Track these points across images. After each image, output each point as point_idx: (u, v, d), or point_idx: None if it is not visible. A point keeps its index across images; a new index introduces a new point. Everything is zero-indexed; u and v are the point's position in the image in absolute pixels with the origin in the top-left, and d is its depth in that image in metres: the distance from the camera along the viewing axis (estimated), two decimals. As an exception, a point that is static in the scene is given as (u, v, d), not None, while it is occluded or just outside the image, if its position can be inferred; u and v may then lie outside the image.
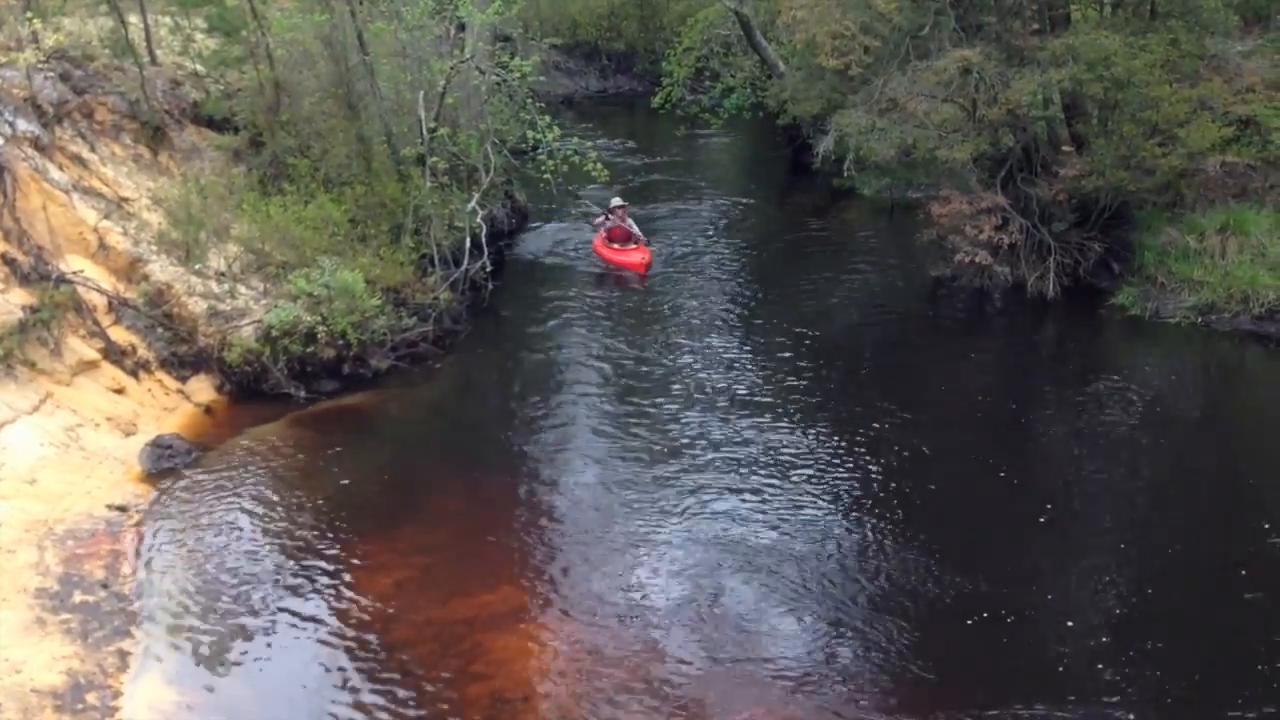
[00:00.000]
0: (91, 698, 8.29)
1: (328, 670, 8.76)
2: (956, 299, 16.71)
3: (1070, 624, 9.15)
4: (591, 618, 9.28)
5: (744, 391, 13.50)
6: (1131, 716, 8.03)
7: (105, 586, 9.64)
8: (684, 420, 12.78)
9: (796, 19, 17.05)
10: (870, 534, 10.40)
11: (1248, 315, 15.01)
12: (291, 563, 10.12)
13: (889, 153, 16.58)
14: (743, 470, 11.52)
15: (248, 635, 9.16)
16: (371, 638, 9.11)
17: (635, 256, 18.04)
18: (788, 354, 14.68)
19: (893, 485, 11.29)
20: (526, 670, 8.74)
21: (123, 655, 8.82)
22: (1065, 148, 16.34)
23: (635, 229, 18.47)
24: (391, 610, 9.44)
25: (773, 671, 8.55)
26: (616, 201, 18.64)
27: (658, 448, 12.11)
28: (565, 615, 9.36)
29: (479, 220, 16.19)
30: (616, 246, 18.26)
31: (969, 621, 9.10)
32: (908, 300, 17.40)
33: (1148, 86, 15.38)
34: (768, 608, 9.33)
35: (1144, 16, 16.91)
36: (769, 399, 13.31)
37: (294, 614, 9.42)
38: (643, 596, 9.57)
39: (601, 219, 18.74)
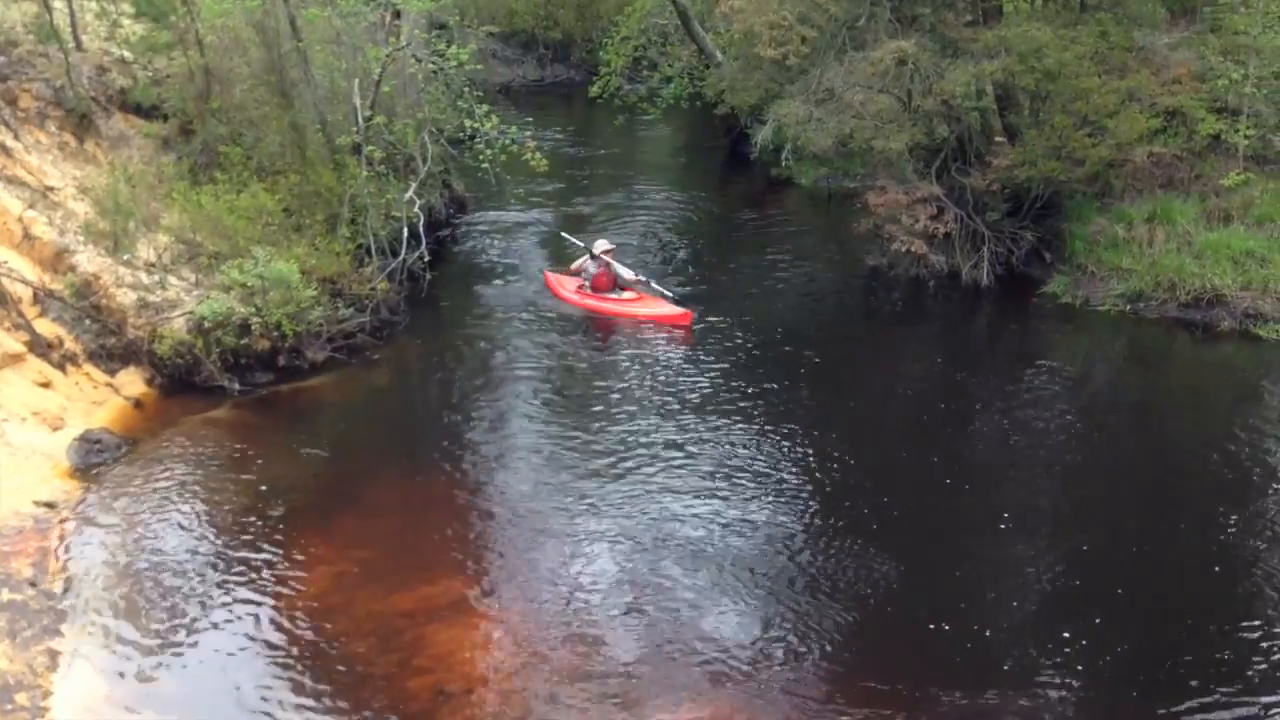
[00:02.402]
0: (21, 698, 8.10)
1: (264, 666, 8.65)
2: (893, 288, 16.88)
3: (1003, 609, 9.33)
4: (532, 609, 9.26)
5: (682, 383, 13.52)
6: (1064, 697, 8.19)
7: (33, 585, 9.42)
8: (622, 412, 12.78)
9: (734, 9, 17.04)
10: (806, 524, 10.47)
11: (1174, 303, 15.36)
12: (225, 557, 9.96)
13: (826, 143, 16.68)
14: (680, 462, 11.54)
15: (180, 632, 9.00)
16: (309, 632, 9.00)
17: (661, 308, 15.50)
18: (725, 345, 14.73)
19: (828, 475, 11.38)
20: (467, 663, 8.69)
21: (52, 654, 8.63)
22: (998, 138, 16.56)
23: (628, 272, 16.17)
24: (330, 604, 9.33)
25: (710, 662, 8.59)
26: (603, 245, 16.36)
27: (596, 440, 12.09)
28: (506, 607, 9.32)
29: (416, 210, 16.02)
30: (613, 297, 15.90)
31: (903, 609, 9.22)
32: (845, 289, 17.55)
33: (1077, 78, 15.65)
34: (706, 599, 9.36)
35: (1074, 9, 17.22)
36: (706, 390, 13.35)
37: (229, 610, 9.28)
38: (583, 588, 9.55)
39: (584, 262, 16.27)
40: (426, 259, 15.95)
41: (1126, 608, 9.19)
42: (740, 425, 12.43)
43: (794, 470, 11.45)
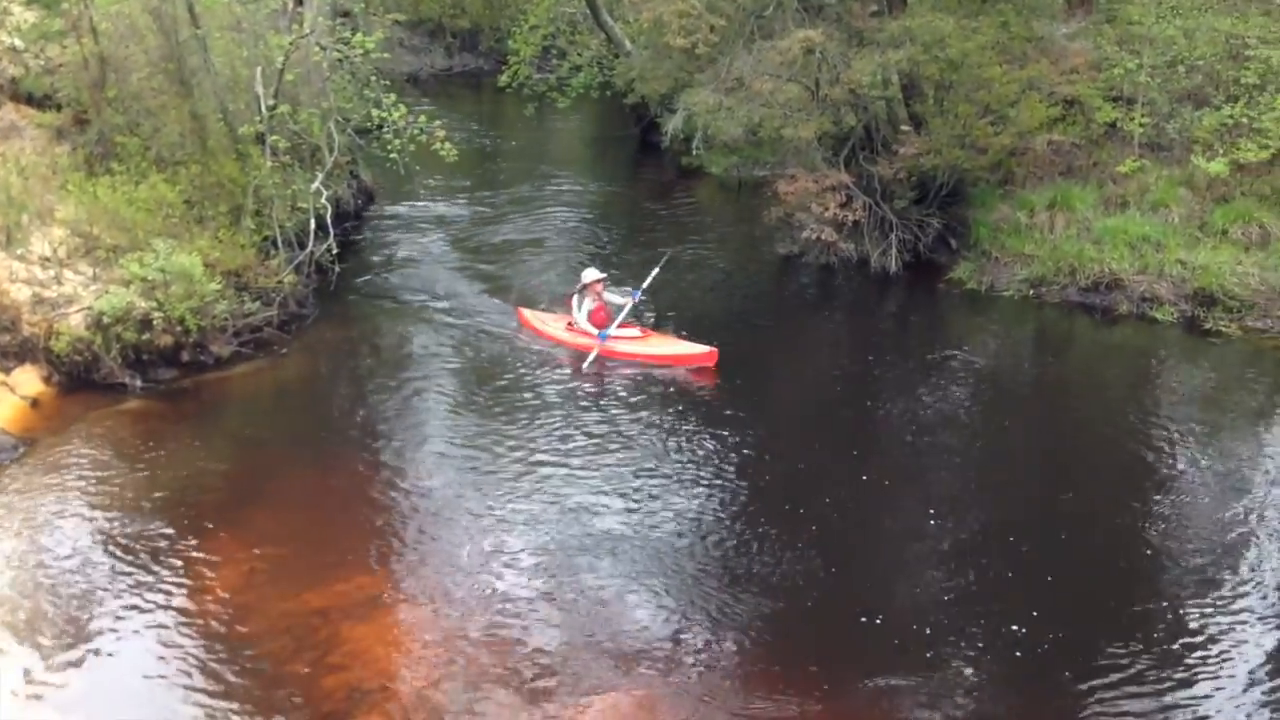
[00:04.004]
0: (-85, 710, 7.81)
1: (172, 669, 8.43)
2: (803, 275, 17.08)
3: (916, 594, 9.47)
4: (450, 603, 9.17)
5: (594, 375, 13.49)
6: (974, 677, 8.36)
7: (-73, 592, 9.08)
8: (536, 405, 12.71)
9: (643, -3, 17.05)
10: (721, 515, 10.51)
11: (1075, 287, 15.77)
12: (130, 559, 9.69)
13: (736, 131, 16.78)
14: (595, 455, 11.51)
15: (85, 638, 8.73)
16: (220, 632, 8.80)
17: (680, 347, 14.04)
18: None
19: (741, 465, 11.46)
20: (384, 659, 8.58)
21: (-51, 664, 8.33)
22: (904, 127, 16.81)
23: (615, 296, 14.64)
24: (240, 603, 9.14)
25: (629, 652, 8.59)
26: (593, 275, 14.70)
27: (510, 433, 12.00)
28: (423, 602, 9.23)
29: (324, 201, 15.74)
30: (624, 336, 14.20)
31: (817, 596, 9.30)
32: (756, 277, 17.68)
33: (980, 68, 15.96)
34: (623, 590, 9.36)
35: (976, -1, 17.53)
36: (619, 382, 13.36)
37: (133, 612, 9.03)
38: (501, 581, 9.49)
39: (578, 292, 14.55)
40: (335, 251, 15.68)
41: (1033, 588, 9.38)
42: (653, 416, 12.46)
43: (707, 461, 11.49)
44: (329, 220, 15.75)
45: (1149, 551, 9.95)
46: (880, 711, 8.06)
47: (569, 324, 14.55)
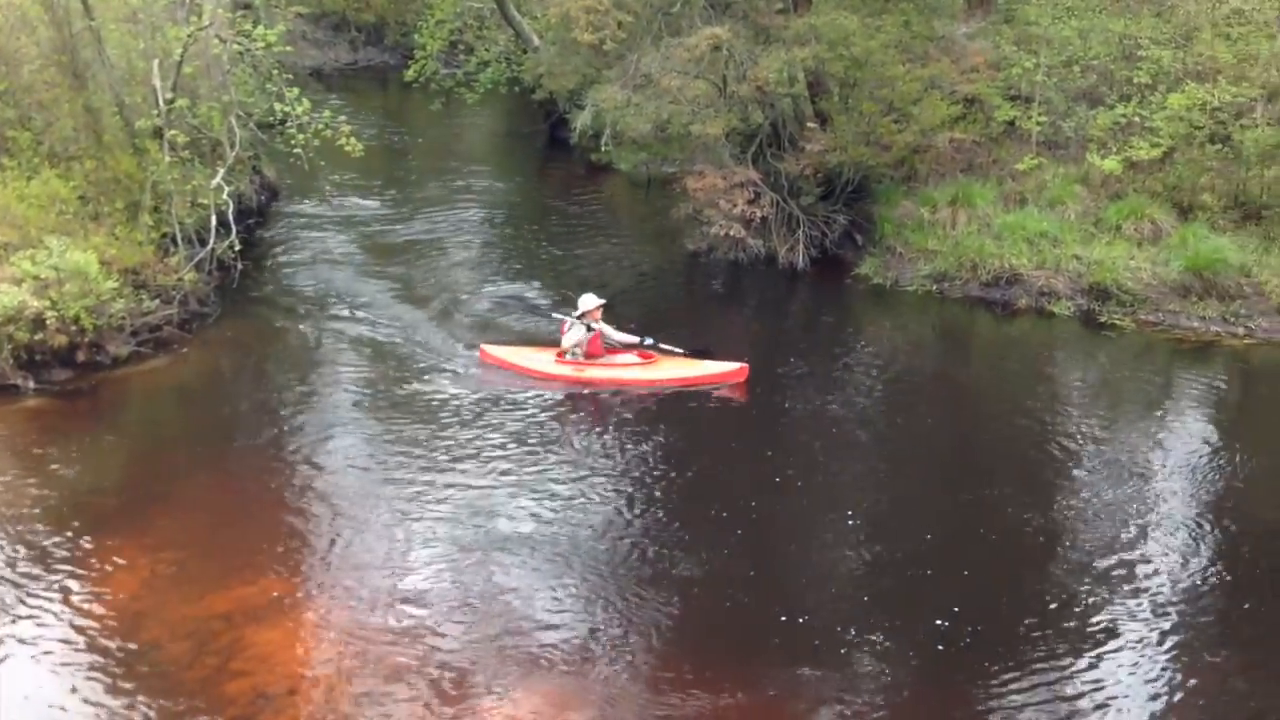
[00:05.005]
0: None
1: (67, 679, 8.17)
2: (712, 272, 17.19)
3: (823, 591, 9.57)
4: (358, 604, 9.05)
5: (505, 375, 13.37)
6: (879, 671, 8.49)
7: None
8: (444, 406, 12.56)
9: (550, -7, 17.03)
10: (631, 516, 10.50)
11: (976, 282, 16.13)
12: (22, 565, 9.37)
13: (644, 128, 16.83)
14: (506, 455, 11.42)
15: (-24, 647, 8.45)
16: (119, 640, 8.56)
17: (704, 367, 13.26)
18: (549, 327, 14.73)
19: (650, 465, 11.48)
20: (290, 663, 8.43)
21: None
22: (810, 124, 17.04)
23: (615, 332, 13.65)
24: (140, 608, 8.90)
25: (540, 652, 8.56)
26: (592, 301, 13.52)
27: (419, 434, 11.86)
28: (330, 603, 9.08)
29: (225, 197, 15.40)
30: (627, 363, 13.41)
31: (727, 596, 9.31)
32: (665, 273, 17.75)
33: (883, 66, 16.24)
34: (534, 591, 9.30)
35: (879, -2, 17.82)
36: (531, 381, 13.26)
37: (30, 621, 8.72)
38: (411, 581, 9.39)
39: (574, 321, 13.43)
40: (237, 248, 15.36)
41: (938, 582, 9.54)
42: (564, 418, 12.42)
43: (617, 462, 11.48)
44: (231, 217, 15.42)
45: (1053, 542, 10.18)
46: (795, 706, 8.13)
47: (559, 354, 13.40)
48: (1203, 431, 12.36)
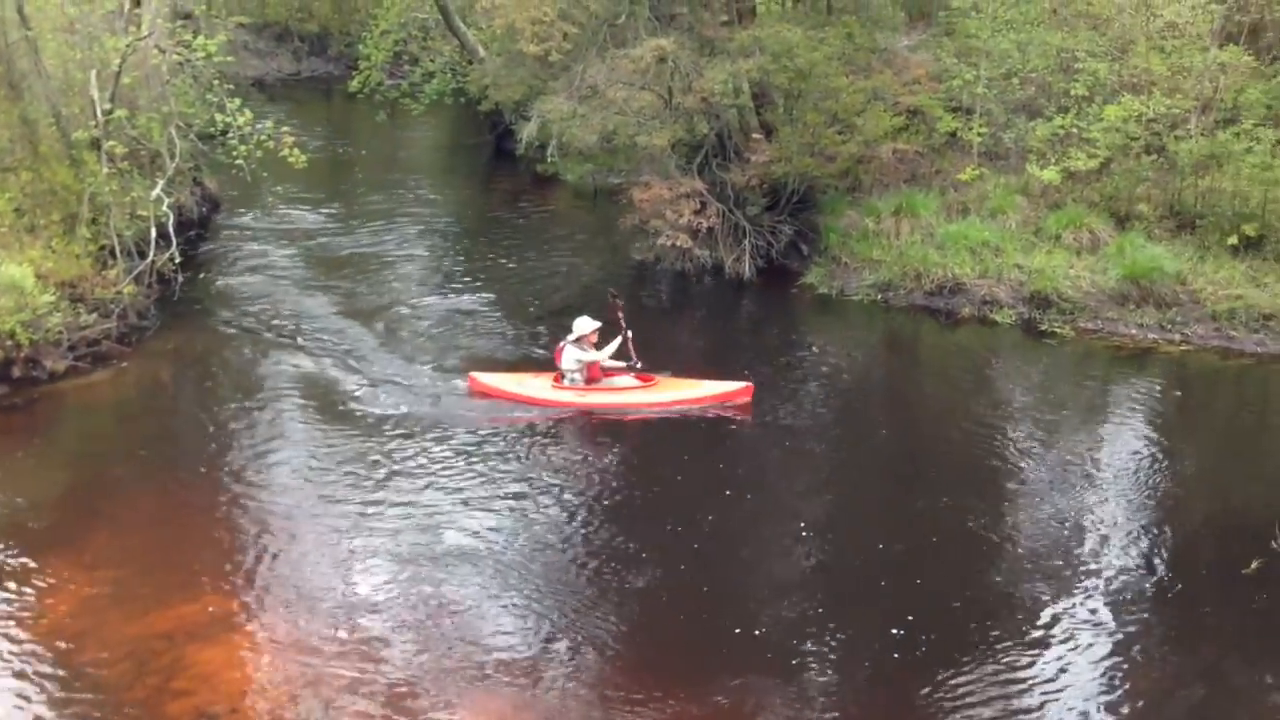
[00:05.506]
0: None
1: (6, 701, 7.99)
2: (659, 281, 17.23)
3: (774, 597, 9.58)
4: (302, 620, 8.93)
5: (459, 385, 13.31)
6: (828, 679, 8.54)
7: None
8: (386, 419, 12.42)
9: (495, 4, 16.95)
10: (579, 528, 10.47)
11: (920, 291, 16.29)
12: (-42, 587, 9.18)
13: (591, 139, 16.82)
14: (454, 469, 11.35)
15: (-93, 671, 8.23)
16: (57, 661, 8.38)
17: (707, 388, 12.95)
18: (494, 341, 14.72)
19: (599, 476, 11.47)
20: (233, 681, 8.30)
21: None
22: (756, 135, 17.14)
23: (605, 356, 13.10)
24: (78, 629, 8.73)
25: (488, 666, 8.50)
26: (588, 325, 13.02)
27: (361, 448, 11.74)
28: (273, 620, 8.95)
29: (165, 209, 15.18)
30: (627, 386, 13.09)
31: (677, 607, 9.33)
32: (612, 283, 17.66)
33: (827, 78, 16.37)
34: (481, 606, 9.24)
35: (821, 11, 18.01)
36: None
37: (-37, 643, 8.55)
38: (355, 598, 9.27)
39: (572, 344, 13.00)
40: (177, 260, 15.16)
41: (892, 590, 9.60)
42: (511, 431, 12.31)
43: (566, 474, 11.45)
44: (171, 228, 15.20)
45: (1002, 547, 10.28)
46: (745, 714, 8.13)
47: (556, 378, 13.07)
48: (1142, 435, 12.56)
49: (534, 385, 13.10)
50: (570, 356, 13.00)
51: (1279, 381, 14.23)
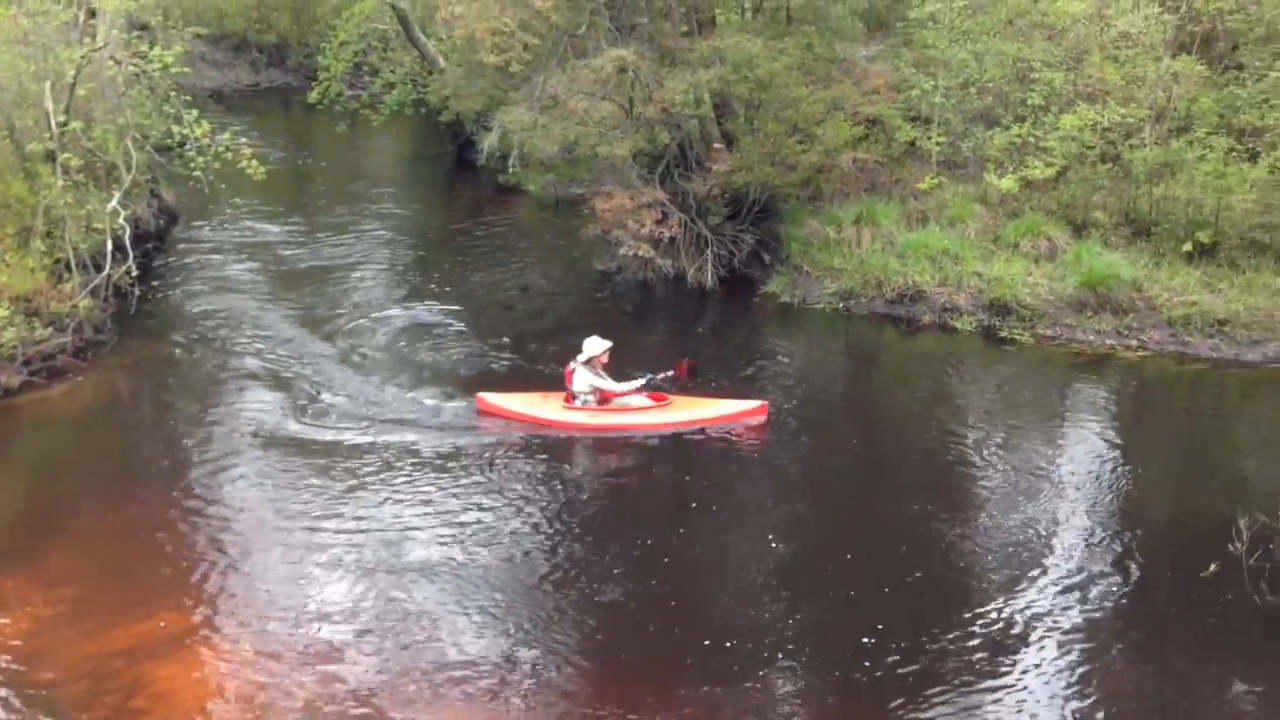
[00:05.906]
0: None
1: (-41, 723, 7.88)
2: (622, 292, 17.22)
3: (742, 608, 9.58)
4: (263, 636, 8.84)
5: (420, 393, 13.23)
6: (793, 687, 8.56)
7: None
8: (345, 431, 12.34)
9: (455, 15, 16.89)
10: (541, 539, 10.42)
11: (882, 299, 16.38)
12: (-90, 607, 9.01)
13: (552, 149, 16.79)
14: (417, 481, 11.28)
15: None
16: (13, 681, 8.25)
17: (721, 406, 12.79)
18: (458, 356, 14.63)
19: (569, 490, 11.43)
20: (193, 699, 8.20)
21: None
22: (717, 145, 17.18)
23: (610, 383, 12.86)
24: (34, 648, 8.60)
25: (453, 677, 8.45)
26: (599, 345, 12.81)
27: (322, 460, 11.65)
28: (233, 637, 8.85)
29: (121, 221, 15.03)
30: (637, 406, 12.87)
31: (641, 615, 9.32)
32: (575, 293, 17.73)
33: (787, 88, 16.46)
34: (445, 617, 9.18)
35: (781, 21, 18.09)
36: (443, 398, 13.14)
37: (-85, 664, 8.39)
38: (317, 612, 9.19)
39: (582, 365, 12.76)
40: (134, 273, 15.02)
41: (861, 600, 9.61)
42: (474, 441, 12.25)
43: (529, 485, 11.40)
44: (128, 241, 15.07)
45: (967, 553, 10.33)
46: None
47: (567, 398, 12.79)
48: (1101, 440, 12.68)
49: (543, 407, 12.80)
50: (583, 380, 12.69)
51: (1234, 386, 14.41)
